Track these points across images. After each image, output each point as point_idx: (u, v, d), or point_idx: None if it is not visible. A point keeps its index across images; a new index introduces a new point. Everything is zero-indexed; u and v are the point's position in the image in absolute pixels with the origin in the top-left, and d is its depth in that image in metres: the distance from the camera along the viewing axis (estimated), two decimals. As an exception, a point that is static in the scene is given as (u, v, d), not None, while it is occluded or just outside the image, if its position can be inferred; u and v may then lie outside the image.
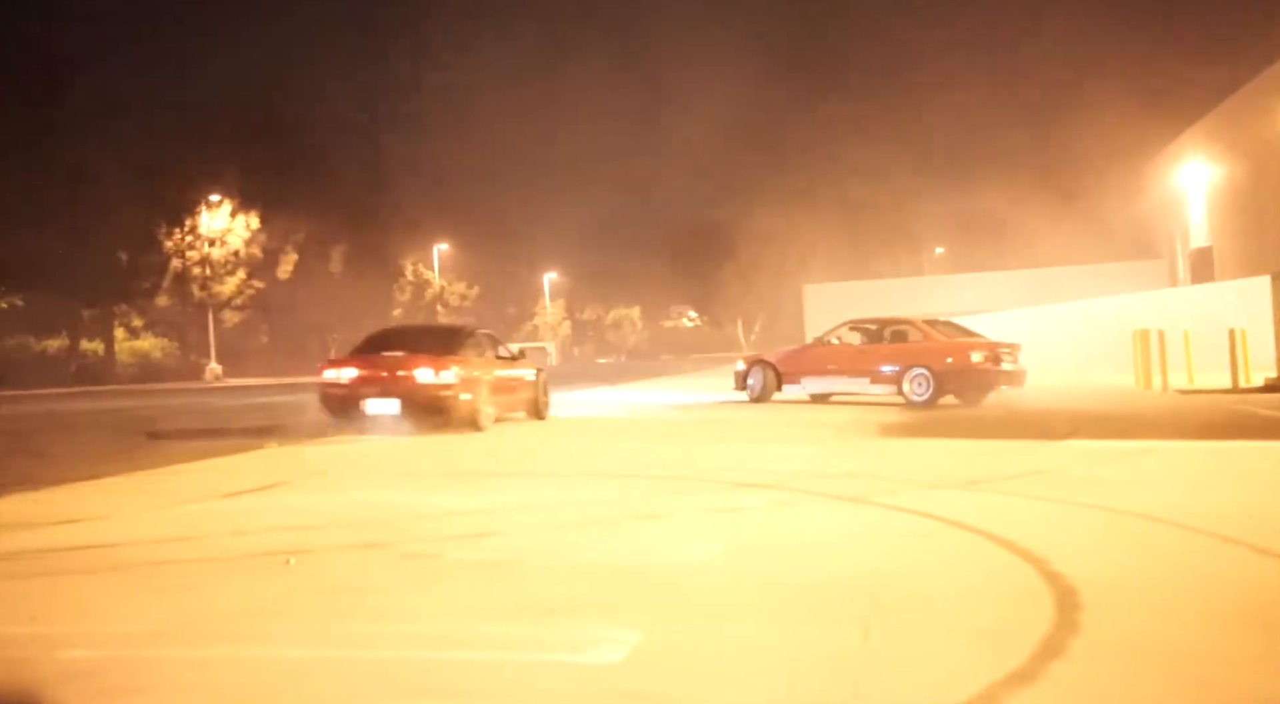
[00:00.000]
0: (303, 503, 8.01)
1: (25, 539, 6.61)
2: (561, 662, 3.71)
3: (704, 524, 6.58)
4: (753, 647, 3.85)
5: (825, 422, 14.31)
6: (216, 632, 4.29)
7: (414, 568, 5.43)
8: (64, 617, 4.62)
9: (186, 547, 6.23)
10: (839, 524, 6.43)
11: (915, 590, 4.62)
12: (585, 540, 6.08)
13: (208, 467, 10.81)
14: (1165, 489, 7.44)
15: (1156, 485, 7.64)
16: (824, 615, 4.24)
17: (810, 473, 8.74)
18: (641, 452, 11.09)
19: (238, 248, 59.72)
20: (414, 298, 76.49)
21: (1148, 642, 3.78)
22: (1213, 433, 11.43)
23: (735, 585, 4.83)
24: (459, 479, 9.30)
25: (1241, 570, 4.91)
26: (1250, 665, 3.54)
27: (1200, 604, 4.30)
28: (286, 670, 3.74)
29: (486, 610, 4.48)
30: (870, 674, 3.49)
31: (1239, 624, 3.98)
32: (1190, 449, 10.08)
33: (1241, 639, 3.80)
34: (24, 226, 50.91)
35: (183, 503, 8.08)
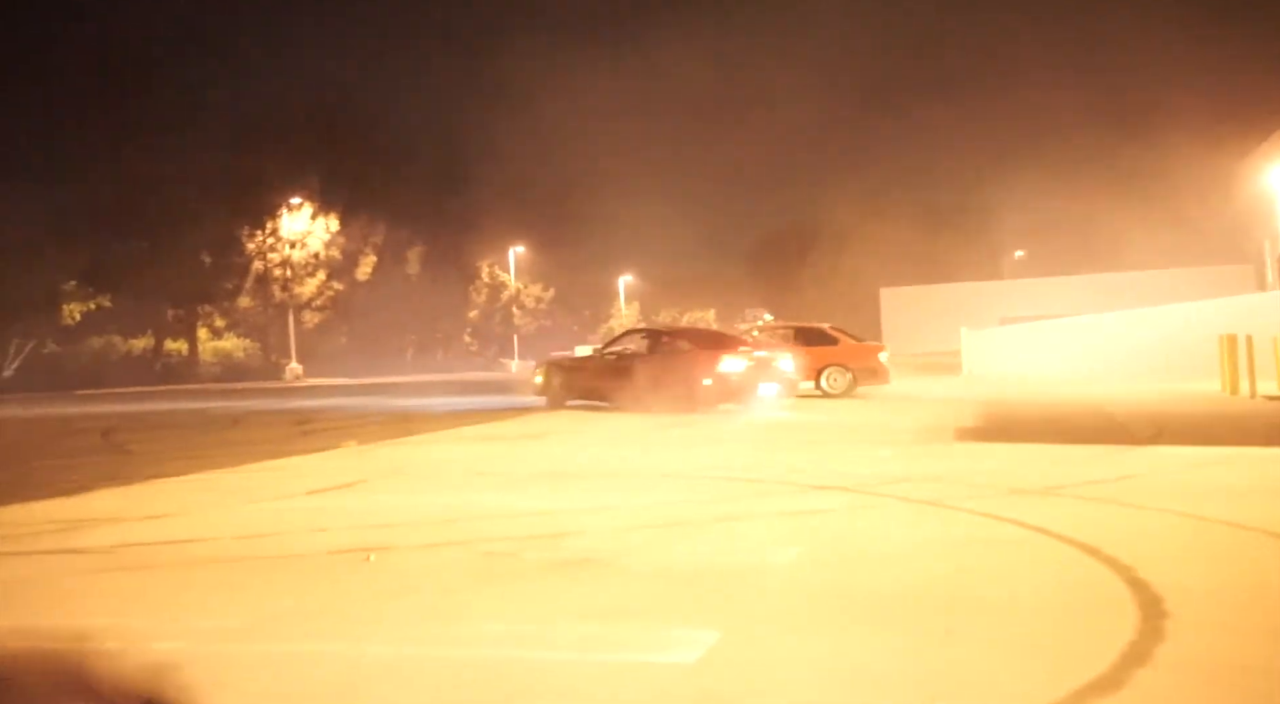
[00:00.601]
0: (381, 502, 8.09)
1: (112, 534, 6.75)
2: (637, 662, 3.72)
3: (780, 527, 6.55)
4: (829, 651, 3.82)
5: (903, 425, 14.18)
6: (296, 628, 4.35)
7: (492, 567, 5.46)
8: (149, 610, 4.71)
9: (267, 543, 6.32)
10: (917, 529, 6.37)
11: (995, 596, 4.56)
12: (661, 542, 6.07)
13: (288, 465, 10.96)
14: (1253, 497, 7.27)
15: (1244, 493, 7.47)
16: (901, 620, 4.20)
17: (888, 476, 8.66)
18: (715, 454, 11.06)
19: (318, 250, 60.54)
20: (490, 300, 77.03)
21: (1236, 653, 3.69)
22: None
23: (812, 589, 4.80)
24: (534, 480, 9.33)
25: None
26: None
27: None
28: (366, 668, 3.78)
29: (563, 610, 4.50)
30: (948, 680, 3.45)
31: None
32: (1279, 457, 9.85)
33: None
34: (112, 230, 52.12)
35: (264, 500, 8.21)
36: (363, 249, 63.11)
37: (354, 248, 62.53)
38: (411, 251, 66.92)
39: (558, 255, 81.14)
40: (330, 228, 60.80)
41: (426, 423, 17.06)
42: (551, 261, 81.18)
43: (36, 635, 4.26)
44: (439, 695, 3.47)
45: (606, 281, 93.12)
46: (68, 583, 5.37)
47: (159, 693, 0.83)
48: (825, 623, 4.19)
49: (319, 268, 60.73)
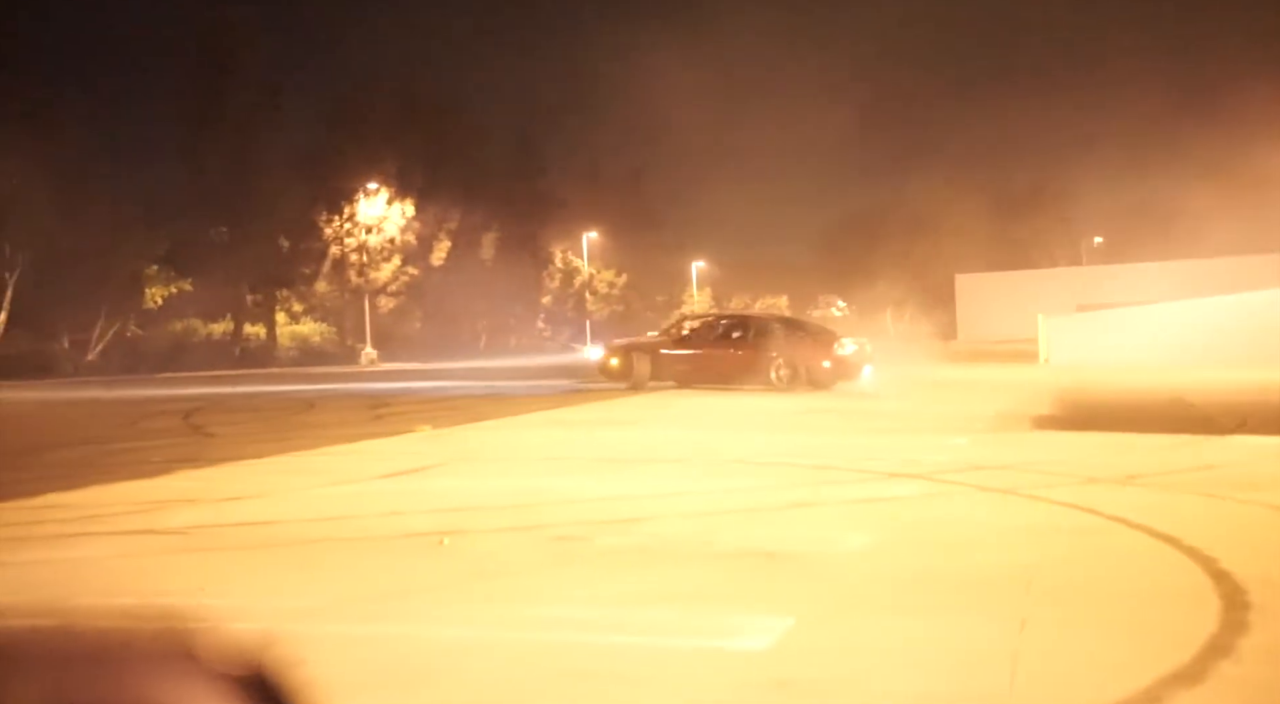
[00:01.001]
0: (455, 486, 8.16)
1: (192, 514, 6.87)
2: (711, 647, 3.71)
3: (853, 514, 6.51)
4: (903, 637, 3.79)
5: (979, 413, 14.02)
6: (373, 609, 4.40)
7: (564, 551, 5.48)
8: (229, 590, 4.79)
9: (343, 525, 6.40)
10: (991, 517, 6.30)
11: (1073, 585, 4.49)
12: (733, 528, 6.06)
13: (363, 448, 11.08)
14: (1341, 488, 7.10)
15: (1331, 484, 7.30)
16: (977, 608, 4.15)
17: (961, 464, 8.57)
18: (785, 440, 11.02)
19: (393, 235, 61.06)
20: (563, 285, 77.25)
21: (1322, 646, 3.61)
22: (1392, 430, 10.87)
23: (885, 576, 4.76)
24: (605, 465, 9.36)
25: None
26: None
27: (1380, 608, 4.09)
28: (440, 649, 3.81)
29: (636, 595, 4.50)
30: (1026, 668, 3.40)
31: None
32: (1368, 447, 9.61)
33: None
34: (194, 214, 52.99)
35: (339, 483, 8.31)
36: (438, 234, 63.53)
37: (429, 233, 62.97)
38: (486, 237, 67.25)
39: (631, 241, 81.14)
40: (406, 213, 61.25)
41: (499, 407, 17.16)
42: (624, 247, 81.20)
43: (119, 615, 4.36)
44: (514, 677, 3.49)
45: (679, 267, 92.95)
46: (147, 563, 5.47)
47: (267, 666, 0.84)
48: (900, 610, 4.16)
49: (394, 253, 61.23)
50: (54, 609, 4.41)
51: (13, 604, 4.60)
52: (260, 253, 54.29)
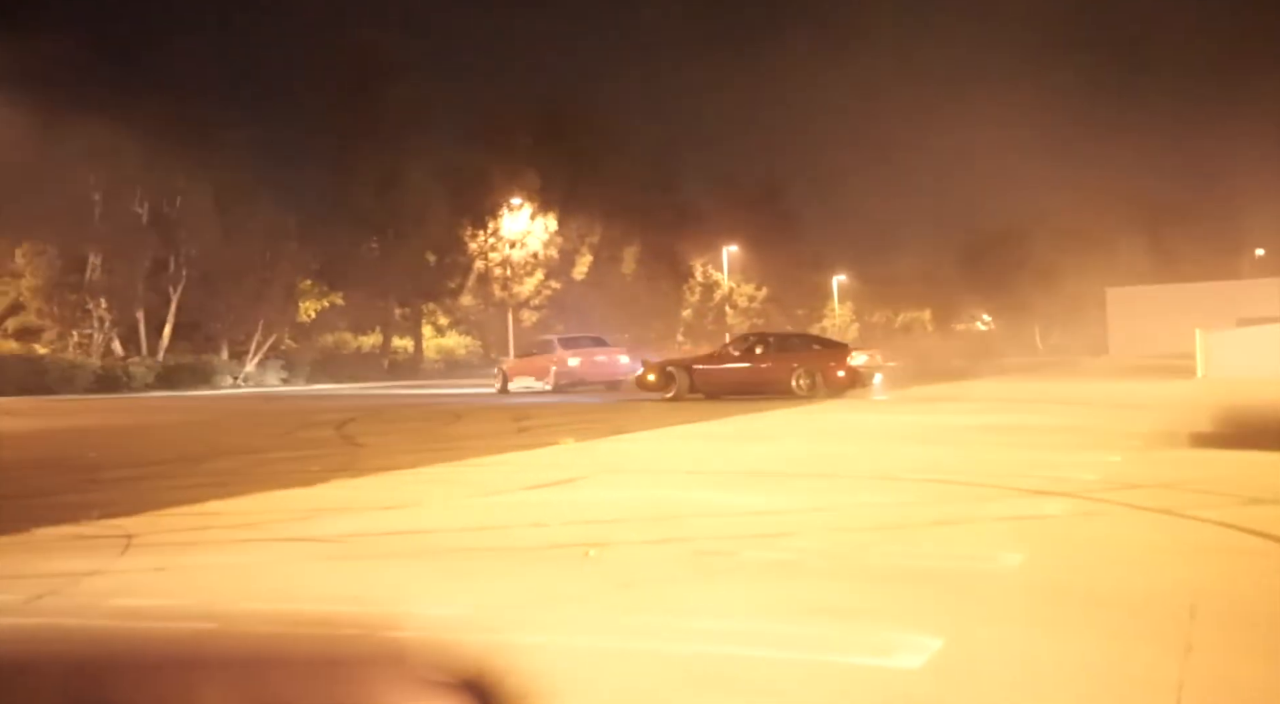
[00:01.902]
0: (599, 497, 8.23)
1: (347, 523, 7.06)
2: (860, 665, 3.67)
3: (1001, 532, 6.38)
4: (1059, 660, 3.70)
5: (1132, 430, 13.62)
6: (520, 617, 4.46)
7: (708, 565, 5.49)
8: (383, 598, 4.91)
9: (491, 536, 6.51)
10: (1148, 536, 6.11)
11: (1239, 610, 4.33)
12: (879, 544, 5.99)
13: (509, 460, 11.25)
14: None
15: None
16: (1137, 631, 4.03)
17: (1115, 482, 8.33)
18: (928, 455, 10.85)
19: (536, 249, 61.89)
20: (703, 299, 77.33)
21: None
22: None
23: (1038, 595, 4.66)
24: (747, 478, 9.34)
25: None
26: None
27: None
28: (588, 658, 3.85)
29: (782, 609, 4.48)
30: (1191, 697, 3.29)
31: None
32: None
33: None
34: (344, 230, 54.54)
35: (487, 494, 8.45)
36: (579, 248, 64.19)
37: (570, 247, 63.66)
38: (627, 250, 67.74)
39: (771, 254, 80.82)
40: (549, 227, 62.05)
41: (640, 420, 17.25)
42: (764, 261, 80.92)
43: (281, 620, 4.50)
44: (660, 689, 3.51)
45: (820, 280, 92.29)
46: (304, 569, 5.64)
47: (484, 675, 0.86)
48: (1054, 631, 4.06)
49: (537, 267, 62.08)
50: (217, 613, 4.58)
51: (178, 607, 4.79)
52: (408, 267, 55.59)
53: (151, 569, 5.63)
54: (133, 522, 7.12)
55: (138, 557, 5.95)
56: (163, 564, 5.75)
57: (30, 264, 40.47)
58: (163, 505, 7.91)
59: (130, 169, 40.52)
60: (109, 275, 41.25)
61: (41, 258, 40.41)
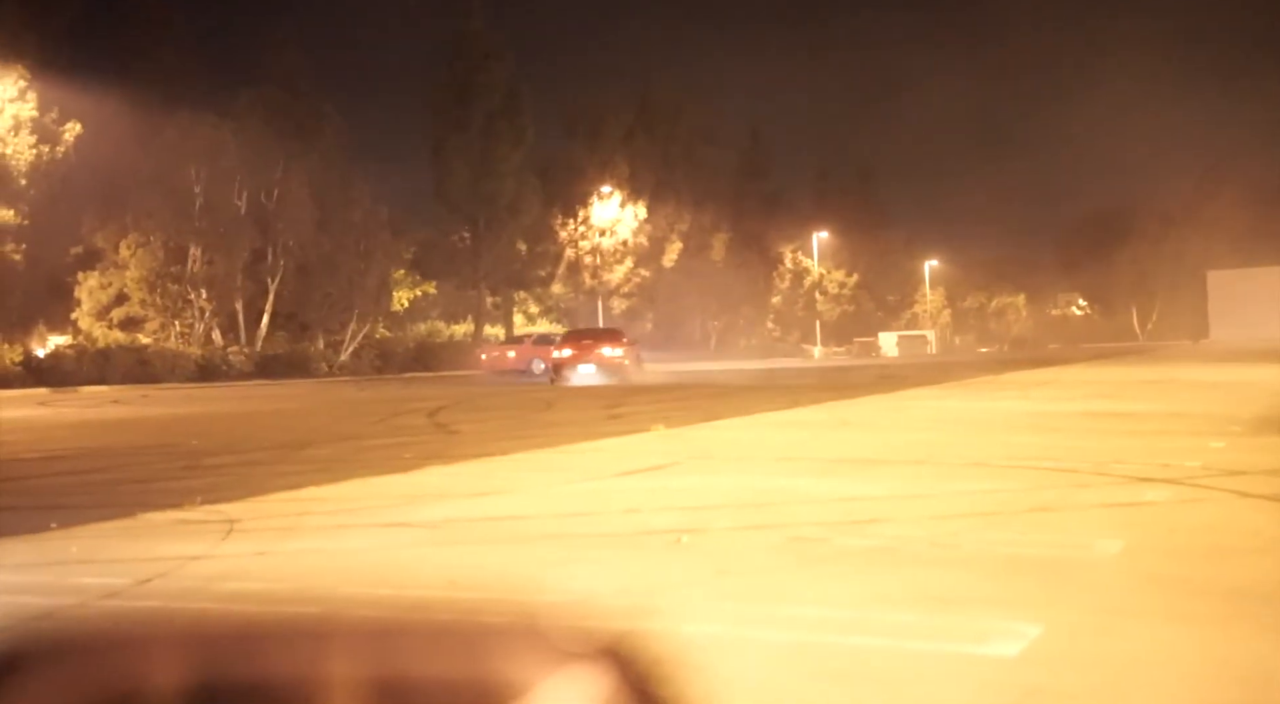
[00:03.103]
0: (691, 484, 8.24)
1: (442, 509, 7.16)
2: (958, 652, 3.65)
3: (1101, 518, 6.28)
4: (1160, 649, 3.64)
5: (1234, 415, 13.30)
6: (618, 605, 4.48)
7: (803, 552, 5.48)
8: (480, 583, 4.97)
9: (585, 522, 6.55)
10: (1255, 525, 5.98)
11: (1347, 601, 4.23)
12: (974, 531, 5.93)
13: (601, 447, 11.31)
14: None
15: None
16: (1242, 620, 3.95)
17: (1218, 469, 8.15)
18: (1025, 442, 10.70)
19: (626, 237, 62.04)
20: (792, 286, 76.95)
21: None
22: None
23: (1139, 584, 4.58)
24: (839, 465, 9.29)
25: None
26: None
27: None
28: (689, 646, 3.86)
29: (878, 597, 4.46)
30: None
31: None
32: None
33: None
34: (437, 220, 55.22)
35: (580, 480, 8.51)
36: (669, 236, 64.23)
37: (660, 235, 63.73)
38: (716, 238, 67.64)
39: (861, 240, 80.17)
40: (638, 215, 62.18)
41: (731, 406, 17.23)
42: (855, 247, 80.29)
43: (383, 605, 4.57)
44: (763, 676, 3.51)
45: (912, 266, 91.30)
46: (402, 555, 5.73)
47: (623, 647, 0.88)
48: (1156, 619, 3.99)
49: (627, 255, 62.23)
50: (320, 597, 4.67)
51: (279, 591, 4.89)
52: (500, 256, 56.05)
53: (253, 553, 5.76)
54: (234, 507, 7.29)
55: (240, 541, 6.08)
56: (264, 549, 5.88)
57: (134, 256, 41.44)
58: (263, 491, 8.08)
59: (229, 162, 41.34)
60: (209, 266, 42.09)
61: (145, 250, 41.34)
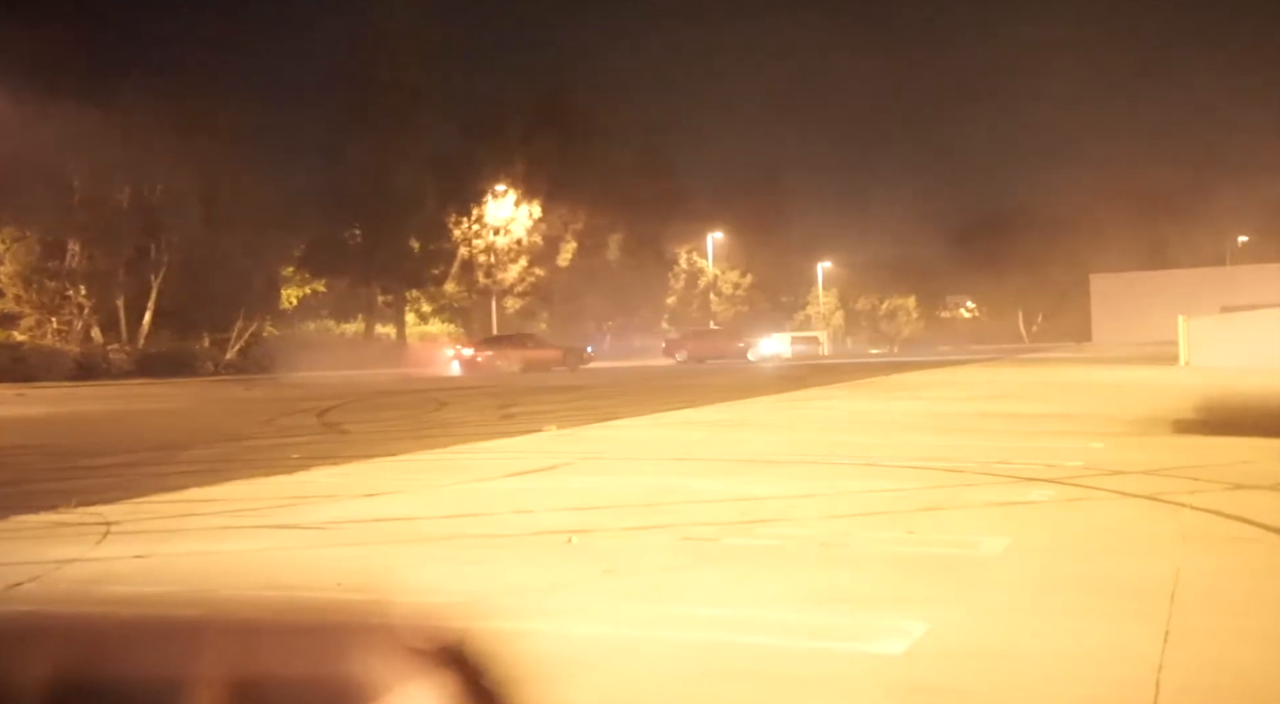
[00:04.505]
0: (582, 484, 8.21)
1: (331, 510, 7.03)
2: (845, 651, 3.67)
3: (988, 518, 6.39)
4: (1043, 645, 3.70)
5: (1118, 416, 13.66)
6: (508, 605, 4.44)
7: (693, 551, 5.48)
8: (367, 585, 4.88)
9: (476, 523, 6.49)
10: (1133, 523, 6.13)
11: (1220, 595, 4.34)
12: (864, 530, 5.99)
13: (493, 447, 11.24)
14: None
15: None
16: (1120, 616, 4.03)
17: (1099, 468, 8.35)
18: (915, 441, 10.87)
19: (520, 236, 61.81)
20: (687, 286, 77.32)
21: None
22: None
23: (1023, 581, 4.66)
24: (733, 465, 9.33)
25: None
26: None
27: None
28: (579, 646, 3.83)
29: (766, 596, 4.48)
30: (1170, 679, 3.30)
31: None
32: None
33: None
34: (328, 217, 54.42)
35: (471, 481, 8.43)
36: (564, 236, 64.13)
37: (555, 234, 63.60)
38: (611, 238, 67.66)
39: (756, 241, 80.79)
40: (533, 214, 61.99)
41: (627, 406, 17.25)
42: (750, 248, 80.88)
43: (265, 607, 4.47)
44: (653, 676, 3.50)
45: (805, 268, 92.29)
46: (288, 557, 5.61)
47: (470, 645, 0.86)
48: (1038, 616, 4.06)
49: (521, 254, 62.00)
50: (199, 600, 4.55)
51: (156, 594, 4.75)
52: (392, 254, 55.48)
53: (132, 557, 5.59)
54: (113, 509, 7.08)
55: (118, 544, 5.91)
56: (143, 552, 5.71)
57: (9, 250, 40.19)
58: (144, 493, 7.87)
59: (112, 155, 40.26)
60: (89, 262, 40.99)
61: (20, 244, 40.12)
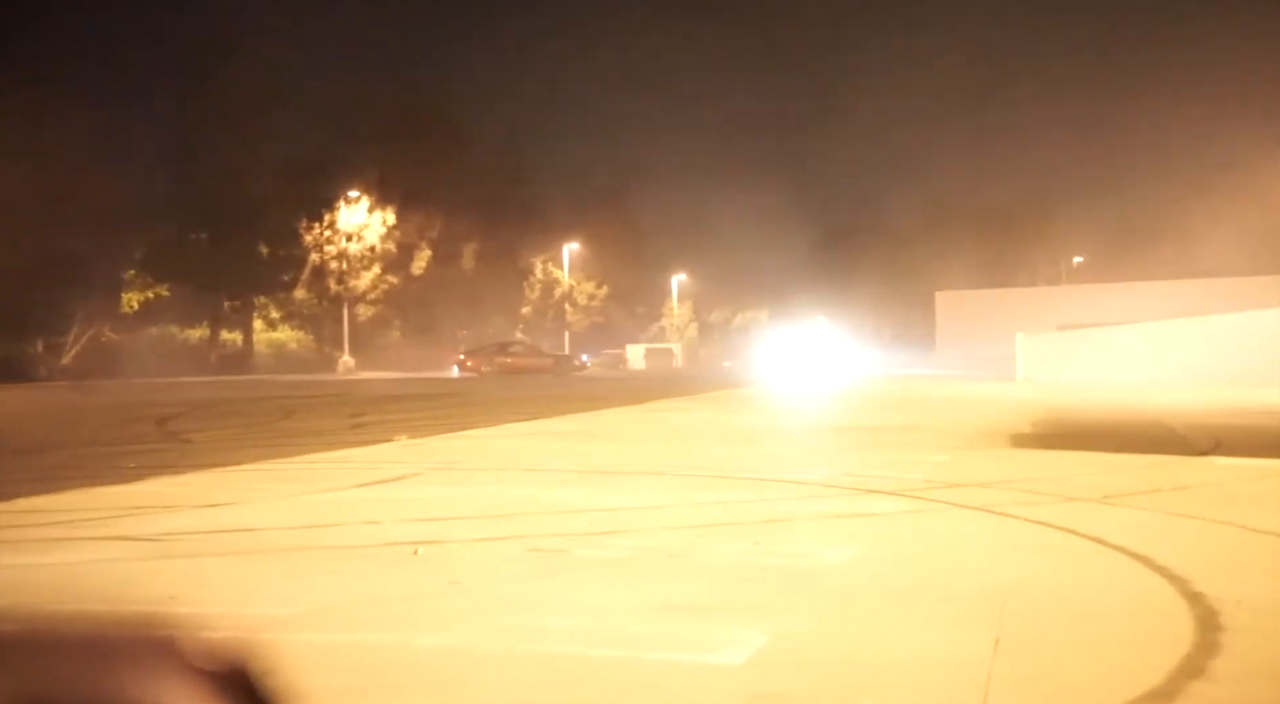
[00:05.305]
0: (432, 494, 8.14)
1: (167, 521, 6.84)
2: (688, 661, 3.71)
3: (832, 529, 6.52)
4: (880, 652, 3.80)
5: (957, 430, 14.07)
6: (352, 617, 4.38)
7: (540, 563, 5.48)
8: (203, 597, 4.76)
9: (321, 534, 6.37)
10: (970, 534, 6.32)
11: (1048, 603, 4.51)
12: (709, 541, 6.06)
13: (341, 457, 11.06)
14: (1314, 510, 7.15)
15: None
16: (954, 624, 4.16)
17: (940, 481, 8.60)
18: (763, 454, 11.04)
19: (374, 243, 60.95)
20: (543, 296, 77.18)
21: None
22: (1366, 454, 10.94)
23: (863, 591, 4.77)
24: (584, 477, 9.35)
25: (1396, 597, 4.69)
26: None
27: (1351, 631, 4.11)
28: (422, 658, 3.80)
29: (611, 607, 4.50)
30: (999, 686, 3.41)
31: (1394, 653, 3.80)
32: (1341, 470, 9.66)
33: (1396, 669, 3.63)
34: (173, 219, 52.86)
35: (317, 491, 8.28)
36: (418, 243, 63.40)
37: (409, 242, 62.84)
38: (467, 247, 67.15)
39: (613, 253, 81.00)
40: (387, 221, 61.16)
41: (481, 416, 17.14)
42: (607, 259, 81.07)
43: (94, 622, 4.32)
44: (495, 689, 3.48)
45: (662, 280, 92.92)
46: (122, 569, 5.44)
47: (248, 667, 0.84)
48: (875, 626, 4.17)
49: (374, 261, 61.11)
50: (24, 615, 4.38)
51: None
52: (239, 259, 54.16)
53: (-44, 570, 5.36)
54: (-63, 520, 6.77)
55: (-59, 557, 5.65)
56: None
57: None
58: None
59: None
60: (-93, 261, 39.12)
61: None
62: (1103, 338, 36.76)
